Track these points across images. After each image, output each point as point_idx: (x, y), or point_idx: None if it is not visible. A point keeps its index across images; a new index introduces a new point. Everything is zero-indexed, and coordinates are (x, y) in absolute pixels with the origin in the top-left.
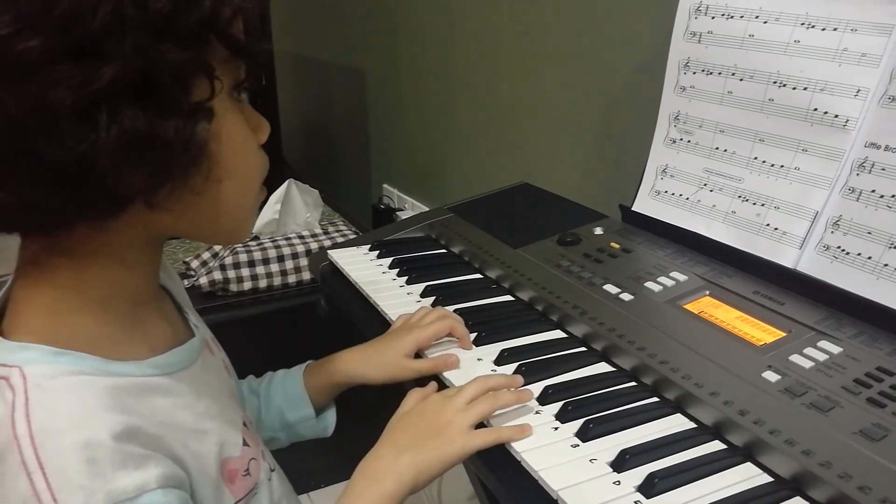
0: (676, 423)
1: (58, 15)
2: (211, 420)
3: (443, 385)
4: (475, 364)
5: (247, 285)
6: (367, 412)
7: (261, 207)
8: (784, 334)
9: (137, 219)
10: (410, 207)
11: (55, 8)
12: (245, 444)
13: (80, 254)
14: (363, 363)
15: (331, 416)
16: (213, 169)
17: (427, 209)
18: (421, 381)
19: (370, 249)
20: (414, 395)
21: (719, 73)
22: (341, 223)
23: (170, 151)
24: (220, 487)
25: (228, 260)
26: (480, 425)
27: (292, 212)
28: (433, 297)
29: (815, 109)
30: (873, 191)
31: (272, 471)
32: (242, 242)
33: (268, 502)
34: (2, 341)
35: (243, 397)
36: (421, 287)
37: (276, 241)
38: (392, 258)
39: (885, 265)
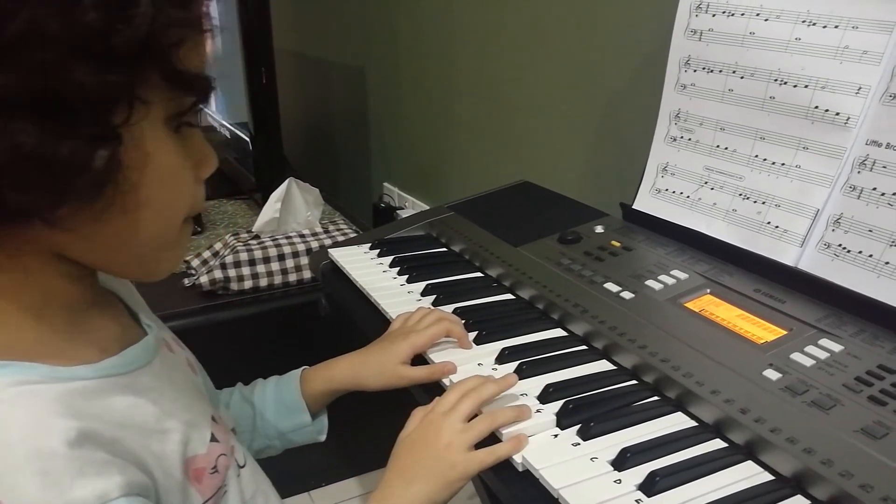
0: (677, 422)
1: None
2: (174, 418)
3: (441, 389)
4: (476, 364)
5: (247, 284)
6: (365, 412)
7: (261, 206)
8: (785, 332)
9: (40, 234)
10: (411, 206)
11: None
12: (214, 439)
13: None
14: (360, 371)
15: (324, 421)
16: (124, 197)
17: (427, 208)
18: (425, 392)
19: (371, 248)
20: (418, 415)
21: (720, 71)
22: (342, 222)
23: (63, 173)
24: (186, 488)
25: (229, 259)
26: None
27: (293, 210)
28: (434, 296)
29: (816, 107)
30: (874, 188)
31: (241, 466)
32: (161, 278)
33: (238, 499)
34: None
35: (216, 397)
36: (421, 286)
37: (276, 239)
38: (392, 257)
39: (886, 263)
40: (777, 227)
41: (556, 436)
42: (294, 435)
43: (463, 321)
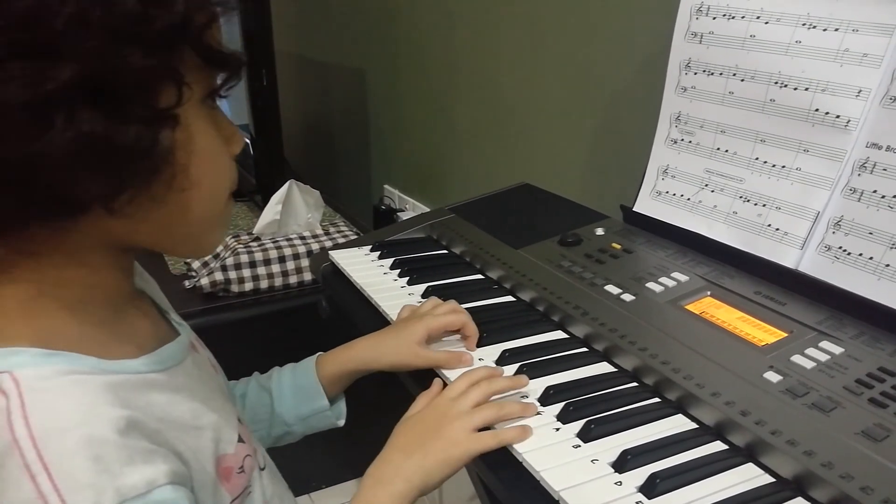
0: (678, 424)
1: (18, 11)
2: (206, 416)
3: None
4: (477, 360)
5: (248, 286)
6: (368, 414)
7: (262, 208)
8: (785, 335)
9: (98, 224)
10: (411, 208)
11: (15, 4)
12: (240, 440)
13: (43, 256)
14: (376, 349)
15: (342, 405)
16: (177, 178)
17: (428, 210)
18: (427, 384)
19: (371, 250)
20: (422, 400)
21: (720, 74)
22: (342, 224)
23: (129, 158)
24: (217, 486)
25: (230, 261)
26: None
27: (293, 212)
28: (434, 298)
29: (817, 110)
30: (875, 191)
31: (262, 469)
32: (210, 254)
33: (261, 500)
34: None
35: (234, 396)
36: (422, 288)
37: (277, 241)
38: (393, 259)
39: (887, 265)
40: (777, 229)
41: (556, 437)
42: (312, 420)
43: None
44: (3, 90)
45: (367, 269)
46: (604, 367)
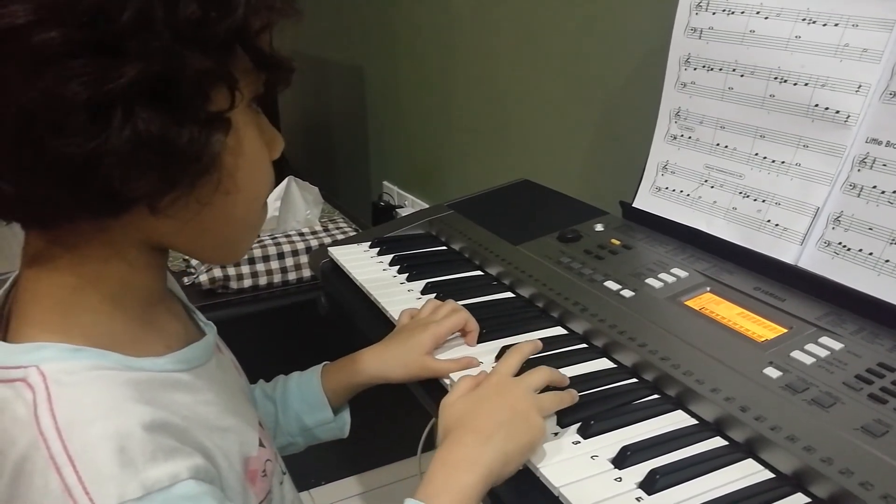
0: (677, 420)
1: (82, 8)
2: (231, 417)
3: (441, 388)
4: (480, 367)
5: (247, 283)
6: (368, 411)
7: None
8: (785, 330)
9: (139, 222)
10: (410, 204)
11: (81, 1)
12: (261, 444)
13: (83, 251)
14: (383, 363)
15: (346, 416)
16: (223, 181)
17: (427, 206)
18: (426, 391)
19: (370, 246)
20: (466, 382)
21: (720, 69)
22: (341, 220)
23: (181, 159)
24: (245, 486)
25: None
26: None
27: (292, 209)
28: (433, 294)
29: (817, 105)
30: (874, 187)
31: (284, 474)
32: (238, 260)
33: None
34: (14, 344)
35: (255, 400)
36: (421, 284)
37: (276, 238)
38: (392, 255)
39: (887, 261)
40: (777, 225)
41: (556, 434)
42: (317, 431)
43: None
44: (65, 88)
45: (366, 265)
46: (603, 364)
